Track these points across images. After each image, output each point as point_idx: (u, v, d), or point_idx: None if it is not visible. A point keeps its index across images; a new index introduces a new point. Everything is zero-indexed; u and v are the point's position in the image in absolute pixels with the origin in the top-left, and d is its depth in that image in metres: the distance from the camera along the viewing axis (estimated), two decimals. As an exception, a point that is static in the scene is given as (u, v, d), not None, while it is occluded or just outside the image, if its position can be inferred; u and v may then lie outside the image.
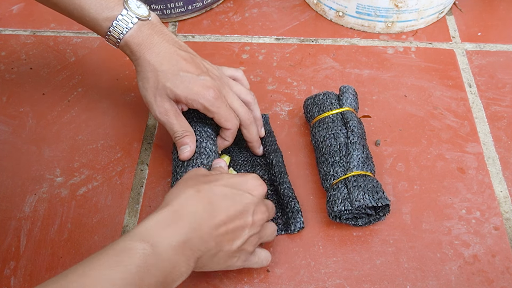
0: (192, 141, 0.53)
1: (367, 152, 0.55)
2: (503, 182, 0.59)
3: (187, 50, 0.54)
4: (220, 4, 0.80)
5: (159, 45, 0.51)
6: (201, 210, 0.41)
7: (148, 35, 0.51)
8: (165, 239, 0.39)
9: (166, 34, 0.53)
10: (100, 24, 0.51)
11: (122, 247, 0.37)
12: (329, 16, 0.77)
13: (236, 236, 0.43)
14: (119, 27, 0.51)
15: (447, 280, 0.51)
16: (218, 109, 0.51)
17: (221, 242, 0.42)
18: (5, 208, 0.56)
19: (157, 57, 0.51)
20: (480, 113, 0.66)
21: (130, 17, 0.51)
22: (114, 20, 0.50)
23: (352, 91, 0.60)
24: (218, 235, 0.42)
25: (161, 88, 0.51)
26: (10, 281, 0.50)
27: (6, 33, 0.75)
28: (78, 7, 0.51)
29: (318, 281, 0.51)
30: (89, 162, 0.60)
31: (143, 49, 0.51)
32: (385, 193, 0.52)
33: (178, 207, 0.41)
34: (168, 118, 0.52)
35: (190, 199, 0.42)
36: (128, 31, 0.51)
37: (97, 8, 0.50)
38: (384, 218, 0.53)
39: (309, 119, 0.61)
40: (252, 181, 0.46)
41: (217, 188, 0.43)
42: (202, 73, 0.52)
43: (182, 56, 0.52)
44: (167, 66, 0.51)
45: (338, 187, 0.52)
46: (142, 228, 0.39)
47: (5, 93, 0.67)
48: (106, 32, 0.51)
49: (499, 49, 0.74)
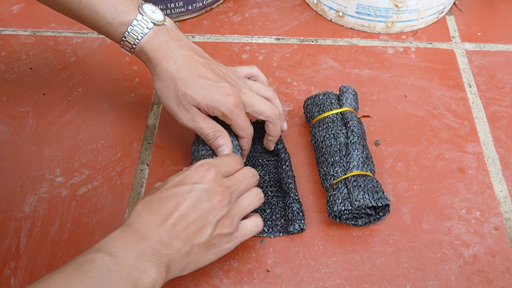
0: (226, 141, 0.52)
1: (367, 152, 0.55)
2: (503, 182, 0.59)
3: (203, 55, 0.53)
4: (220, 4, 0.80)
5: (176, 52, 0.50)
6: (151, 218, 0.42)
7: (164, 41, 0.50)
8: (122, 248, 0.40)
9: (182, 40, 0.52)
10: (115, 29, 0.50)
11: (82, 260, 0.39)
12: (329, 16, 0.77)
13: (202, 226, 0.43)
14: (134, 32, 0.50)
15: (447, 280, 0.51)
16: (237, 118, 0.51)
17: (188, 238, 0.42)
18: (5, 208, 0.56)
19: (175, 64, 0.50)
20: (480, 113, 0.66)
21: (146, 22, 0.50)
22: (130, 25, 0.49)
23: (352, 91, 0.60)
24: (179, 233, 0.42)
25: (182, 95, 0.50)
26: (10, 281, 0.50)
27: (6, 33, 0.75)
28: (92, 12, 0.50)
29: (318, 281, 0.51)
30: (89, 162, 0.60)
31: (160, 56, 0.50)
32: (385, 193, 0.52)
33: (131, 222, 0.42)
34: (196, 124, 0.52)
35: (139, 212, 0.43)
36: (144, 37, 0.50)
37: (111, 12, 0.49)
38: (384, 218, 0.53)
39: (309, 119, 0.61)
40: (198, 171, 0.45)
41: (161, 194, 0.44)
42: (220, 80, 0.51)
43: (200, 62, 0.51)
44: (186, 73, 0.50)
45: (338, 187, 0.52)
46: (99, 244, 0.40)
47: (5, 93, 0.67)
48: (121, 38, 0.50)
49: (499, 49, 0.74)
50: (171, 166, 0.60)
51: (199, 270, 0.51)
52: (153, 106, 0.66)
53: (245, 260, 0.52)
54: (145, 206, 0.43)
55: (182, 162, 0.60)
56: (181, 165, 0.60)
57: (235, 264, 0.52)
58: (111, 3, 0.49)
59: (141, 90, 0.68)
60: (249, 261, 0.52)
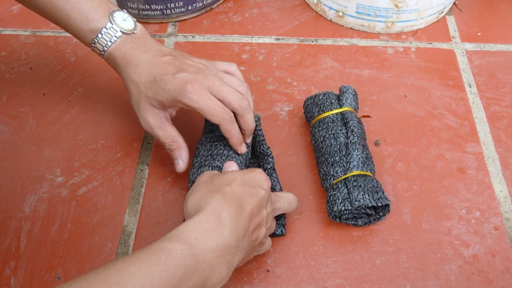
0: (182, 154, 0.53)
1: (367, 152, 0.55)
2: (503, 182, 0.59)
3: (170, 53, 0.52)
4: (220, 4, 0.80)
5: (138, 57, 0.51)
6: (234, 213, 0.42)
7: (129, 48, 0.51)
8: (204, 242, 0.39)
9: (148, 45, 0.52)
10: (85, 35, 0.52)
11: (160, 247, 0.37)
12: (329, 16, 0.77)
13: (259, 232, 0.45)
14: (103, 40, 0.51)
15: (447, 280, 0.51)
16: (198, 103, 0.49)
17: (250, 239, 0.44)
18: (5, 208, 0.56)
19: (136, 69, 0.51)
20: (480, 113, 0.66)
21: (114, 31, 0.51)
22: (99, 32, 0.51)
23: (352, 91, 0.60)
24: (249, 233, 0.43)
25: (144, 99, 0.51)
26: (10, 281, 0.50)
27: (6, 33, 0.75)
28: (64, 17, 0.51)
29: (318, 281, 0.51)
30: (89, 162, 0.60)
31: (124, 63, 0.51)
32: (385, 193, 0.52)
33: (214, 211, 0.41)
34: (152, 131, 0.52)
35: (221, 203, 0.42)
36: (112, 44, 0.51)
37: (82, 19, 0.51)
38: (384, 218, 0.53)
39: (309, 119, 0.61)
40: (260, 176, 0.47)
41: (238, 188, 0.44)
42: (179, 71, 0.50)
43: (161, 61, 0.51)
44: (145, 76, 0.50)
45: (338, 187, 0.52)
46: (180, 231, 0.39)
47: (5, 93, 0.67)
48: (91, 43, 0.52)
49: (499, 49, 0.74)
50: (171, 166, 0.60)
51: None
52: (153, 106, 0.66)
53: (245, 260, 0.52)
54: (225, 198, 0.42)
55: (182, 162, 0.60)
56: (181, 165, 0.60)
57: (235, 264, 0.52)
58: (83, 10, 0.51)
59: (141, 90, 0.67)
60: (249, 261, 0.52)
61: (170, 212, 0.56)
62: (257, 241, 0.45)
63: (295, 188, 0.58)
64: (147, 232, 0.54)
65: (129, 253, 0.53)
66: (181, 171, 0.54)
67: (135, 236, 0.54)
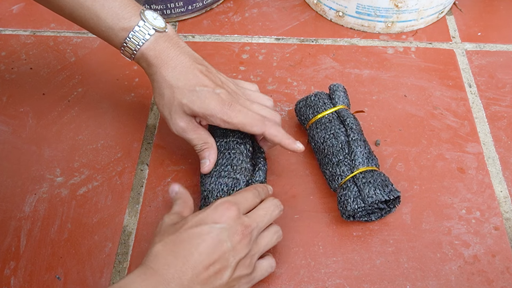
0: (211, 154, 0.52)
1: (368, 146, 0.55)
2: (503, 182, 0.59)
3: (203, 63, 0.52)
4: (220, 4, 0.80)
5: (175, 59, 0.50)
6: (171, 260, 0.41)
7: (165, 47, 0.50)
8: None
9: (183, 47, 0.51)
10: (116, 34, 0.50)
11: None
12: (329, 16, 0.77)
13: (222, 268, 0.42)
14: (135, 38, 0.49)
15: (447, 280, 0.51)
16: (237, 118, 0.49)
17: (208, 280, 0.42)
18: (5, 208, 0.56)
19: (173, 72, 0.50)
20: (480, 113, 0.66)
21: (147, 29, 0.49)
22: (131, 31, 0.49)
23: (342, 88, 0.60)
24: (198, 276, 0.41)
25: (177, 104, 0.50)
26: (10, 281, 0.50)
27: (6, 33, 0.75)
28: (94, 16, 0.49)
29: (318, 281, 0.51)
30: (89, 162, 0.60)
31: (159, 63, 0.50)
32: (394, 185, 0.52)
33: (151, 263, 0.41)
34: (185, 135, 0.52)
35: (160, 254, 0.42)
36: (145, 43, 0.49)
37: (113, 18, 0.49)
38: (395, 209, 0.54)
39: (303, 121, 0.60)
40: (218, 209, 0.44)
41: (182, 234, 0.43)
42: (217, 87, 0.50)
43: (199, 69, 0.51)
44: (183, 81, 0.50)
45: (347, 186, 0.52)
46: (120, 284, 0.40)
47: (5, 93, 0.67)
48: (122, 43, 0.50)
49: (499, 49, 0.74)
50: (171, 166, 0.60)
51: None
52: (153, 106, 0.66)
53: (245, 260, 0.52)
54: (165, 248, 0.42)
55: (182, 162, 0.60)
56: (181, 165, 0.60)
57: (235, 264, 0.52)
58: (113, 9, 0.49)
59: (141, 90, 0.68)
60: (249, 261, 0.52)
61: (170, 212, 0.56)
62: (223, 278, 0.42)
63: (295, 188, 0.58)
64: (147, 232, 0.54)
65: (129, 253, 0.53)
66: (207, 172, 0.52)
67: (135, 236, 0.54)
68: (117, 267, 0.52)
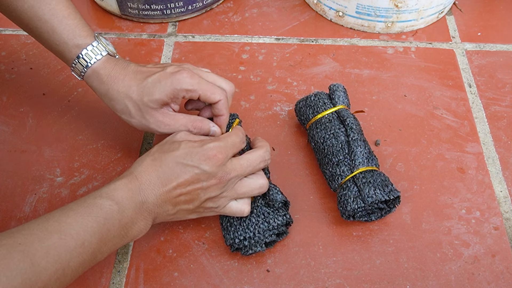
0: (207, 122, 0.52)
1: (368, 146, 0.55)
2: (503, 182, 0.59)
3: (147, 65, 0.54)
4: (220, 4, 0.80)
5: (123, 72, 0.52)
6: (155, 178, 0.46)
7: (113, 66, 0.52)
8: (127, 200, 0.45)
9: (129, 63, 0.53)
10: (70, 49, 0.52)
11: (92, 202, 0.43)
12: (329, 16, 0.77)
13: (193, 198, 0.48)
14: (88, 56, 0.51)
15: (447, 280, 0.51)
16: (199, 85, 0.51)
17: (177, 204, 0.47)
18: (5, 208, 0.56)
19: (123, 82, 0.51)
20: (480, 113, 0.66)
21: (101, 50, 0.52)
22: (84, 48, 0.51)
23: (342, 88, 0.60)
24: (172, 199, 0.47)
25: (142, 105, 0.51)
26: (10, 281, 0.50)
27: (6, 33, 0.75)
28: (50, 30, 0.52)
29: (318, 281, 0.51)
30: (89, 162, 0.60)
31: (110, 80, 0.52)
32: (393, 185, 0.52)
33: (137, 174, 0.46)
34: (170, 127, 0.52)
35: (148, 167, 0.47)
36: (97, 61, 0.52)
37: (69, 33, 0.52)
38: (394, 209, 0.54)
39: (303, 122, 0.60)
40: (208, 154, 0.47)
41: (171, 158, 0.47)
42: (166, 67, 0.52)
43: (146, 67, 0.53)
44: (135, 84, 0.51)
45: (347, 186, 0.52)
46: (109, 189, 0.45)
47: (5, 93, 0.67)
48: (74, 59, 0.52)
49: (499, 49, 0.74)
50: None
51: (199, 270, 0.51)
52: (153, 106, 0.66)
53: (245, 260, 0.52)
54: (153, 164, 0.47)
55: (182, 162, 0.60)
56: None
57: (235, 264, 0.52)
58: (71, 26, 0.52)
59: (141, 90, 0.67)
60: (249, 261, 0.52)
61: (170, 212, 0.56)
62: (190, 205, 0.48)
63: (295, 188, 0.58)
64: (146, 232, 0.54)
65: (129, 252, 0.53)
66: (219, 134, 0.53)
67: (135, 236, 0.54)
68: (117, 267, 0.52)
